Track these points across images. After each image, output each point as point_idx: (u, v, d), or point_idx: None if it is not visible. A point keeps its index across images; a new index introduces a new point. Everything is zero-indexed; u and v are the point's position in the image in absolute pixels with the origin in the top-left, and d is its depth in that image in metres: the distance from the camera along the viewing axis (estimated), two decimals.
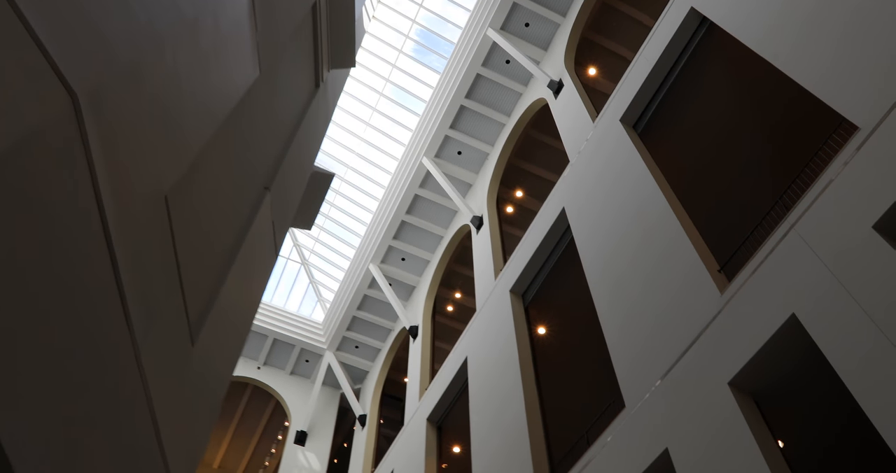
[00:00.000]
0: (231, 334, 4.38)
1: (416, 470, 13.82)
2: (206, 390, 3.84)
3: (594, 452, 8.00)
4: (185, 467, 3.36)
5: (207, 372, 3.81)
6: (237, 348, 4.64)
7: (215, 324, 3.69)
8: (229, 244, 3.88)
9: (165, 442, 2.84)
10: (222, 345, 4.15)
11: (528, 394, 10.49)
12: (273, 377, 21.82)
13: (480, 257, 15.42)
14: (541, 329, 11.91)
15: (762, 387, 6.18)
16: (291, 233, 22.47)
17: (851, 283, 5.34)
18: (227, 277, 3.74)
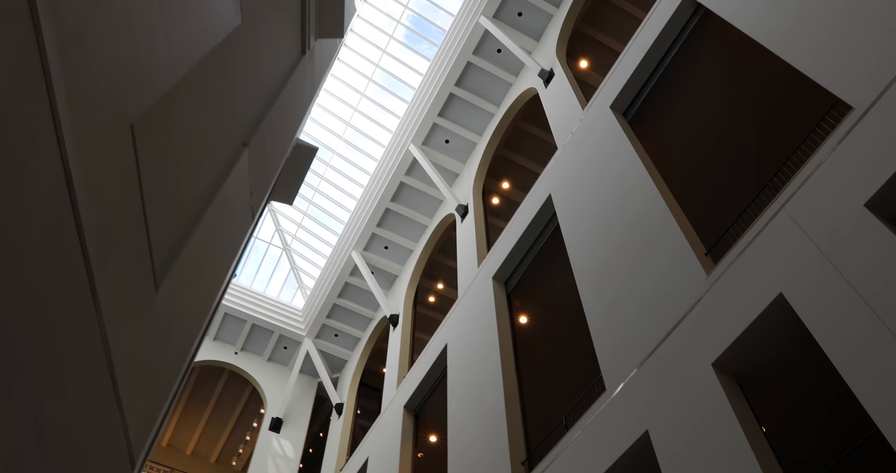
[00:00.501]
0: (201, 292, 4.21)
1: (391, 458, 13.65)
2: (171, 344, 3.66)
3: (573, 436, 7.88)
4: (143, 422, 3.18)
5: (173, 324, 3.64)
6: (205, 309, 4.47)
7: (182, 277, 3.51)
8: (201, 192, 3.71)
9: (123, 391, 2.66)
10: (190, 301, 3.97)
11: (507, 381, 10.36)
12: (250, 363, 21.56)
13: (464, 245, 15.28)
14: (522, 316, 11.79)
15: (746, 369, 6.09)
16: (274, 216, 22.22)
17: (842, 263, 5.25)
18: (198, 228, 3.57)
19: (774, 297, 5.74)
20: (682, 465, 5.92)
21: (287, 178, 8.86)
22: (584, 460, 7.44)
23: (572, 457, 7.71)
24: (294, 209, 21.69)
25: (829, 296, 5.22)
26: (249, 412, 23.68)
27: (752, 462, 5.19)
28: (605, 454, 7.10)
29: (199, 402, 23.51)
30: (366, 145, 20.29)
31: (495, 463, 9.31)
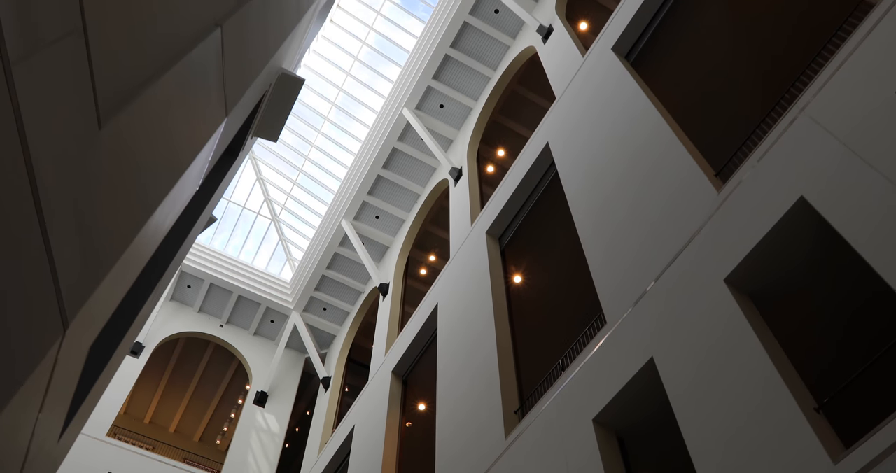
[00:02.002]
0: (158, 162, 3.75)
1: (377, 424, 13.13)
2: (119, 201, 3.20)
3: (568, 376, 7.38)
4: (79, 280, 2.66)
5: (123, 179, 3.16)
6: (164, 185, 4.01)
7: (134, 130, 3.03)
8: (160, 50, 3.20)
9: (53, 236, 2.15)
10: (145, 163, 3.49)
11: (500, 334, 9.85)
12: (236, 336, 21.00)
13: (457, 206, 14.77)
14: (517, 269, 11.30)
15: (761, 286, 5.59)
16: (262, 186, 21.64)
17: (869, 151, 4.77)
18: (155, 84, 3.06)
19: (794, 201, 5.25)
20: (693, 389, 5.43)
21: (272, 112, 8.34)
22: (582, 398, 6.94)
23: (568, 397, 7.22)
24: (283, 178, 21.16)
25: (855, 187, 4.74)
26: (235, 388, 23.12)
27: (773, 379, 4.70)
28: (603, 389, 6.61)
29: (183, 377, 22.93)
30: (358, 112, 19.76)
31: (487, 417, 8.81)
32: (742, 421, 4.78)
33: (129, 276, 3.61)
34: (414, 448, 12.44)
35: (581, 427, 6.70)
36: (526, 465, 7.36)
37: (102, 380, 4.57)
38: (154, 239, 3.98)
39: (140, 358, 18.73)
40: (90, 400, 4.31)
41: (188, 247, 7.94)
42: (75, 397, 4.03)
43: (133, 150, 3.20)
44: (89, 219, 2.84)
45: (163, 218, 3.98)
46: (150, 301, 5.77)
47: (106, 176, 2.92)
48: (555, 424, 7.23)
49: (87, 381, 4.43)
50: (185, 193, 4.90)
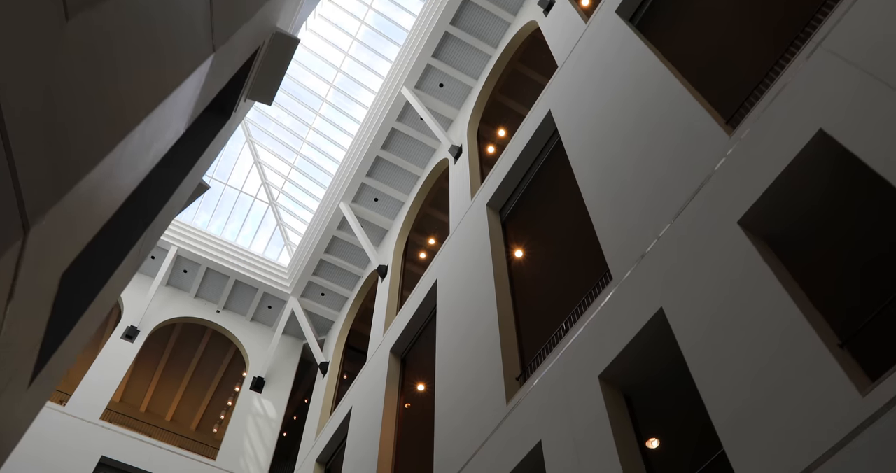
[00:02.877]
0: (138, 76, 3.52)
1: (375, 404, 12.84)
2: (92, 103, 2.97)
3: (571, 337, 7.11)
4: (45, 182, 2.42)
5: (98, 77, 2.94)
6: (142, 103, 3.81)
7: (106, 32, 2.80)
8: None
9: (12, 127, 1.91)
10: (119, 68, 3.26)
11: (501, 304, 9.57)
12: (233, 322, 20.70)
13: (457, 182, 14.49)
14: (518, 240, 11.02)
15: (778, 228, 5.31)
16: (260, 169, 21.35)
17: (893, 75, 4.49)
18: None
19: (813, 135, 4.97)
20: (707, 335, 5.14)
21: (265, 73, 8.08)
22: (587, 356, 6.66)
23: (573, 356, 6.94)
24: (281, 161, 20.87)
25: (879, 112, 4.46)
26: (232, 376, 22.83)
27: (795, 318, 4.43)
28: (609, 345, 6.33)
29: (179, 364, 22.64)
30: (358, 93, 19.48)
31: (488, 386, 8.54)
32: (763, 363, 4.50)
33: (106, 204, 3.35)
34: (413, 426, 12.16)
35: (586, 385, 6.42)
36: (528, 429, 7.08)
37: (79, 335, 4.31)
38: (133, 170, 3.71)
39: (135, 343, 18.44)
40: (66, 353, 4.05)
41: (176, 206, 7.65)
42: (48, 339, 3.76)
43: (101, 50, 2.93)
44: (58, 117, 2.56)
45: (144, 145, 3.71)
46: (133, 256, 5.48)
47: (77, 73, 2.65)
48: (558, 385, 6.95)
49: (61, 326, 4.15)
50: (170, 128, 4.64)
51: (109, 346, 18.05)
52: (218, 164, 21.03)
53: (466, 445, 8.34)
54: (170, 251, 19.64)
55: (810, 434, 3.91)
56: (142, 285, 19.84)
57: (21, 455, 14.71)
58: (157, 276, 19.33)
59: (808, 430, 3.93)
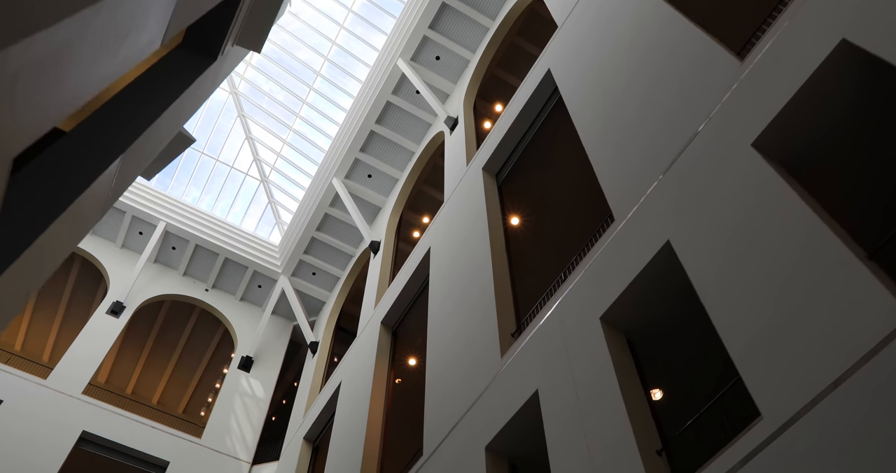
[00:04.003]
0: None
1: (364, 378, 12.47)
2: None
3: (569, 284, 6.75)
4: None
5: None
6: None
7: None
8: None
9: None
10: None
11: (496, 264, 9.22)
12: (222, 301, 20.27)
13: (452, 151, 14.13)
14: (515, 203, 10.66)
15: (796, 150, 4.96)
16: (252, 145, 20.92)
17: None
18: None
19: (835, 45, 4.63)
20: (720, 264, 4.79)
21: (253, 18, 7.77)
22: (587, 299, 6.31)
23: (572, 301, 6.59)
24: (273, 137, 20.46)
25: None
26: (220, 358, 22.40)
27: (819, 231, 4.08)
28: (612, 285, 5.98)
29: (167, 345, 22.19)
30: (353, 67, 19.09)
31: (481, 345, 8.19)
32: (784, 280, 4.15)
33: (68, 88, 3.05)
34: (404, 399, 11.79)
35: (587, 329, 6.07)
36: (523, 380, 6.73)
37: (35, 261, 3.95)
38: (98, 62, 3.41)
39: (120, 319, 18.00)
40: (16, 281, 3.70)
41: (155, 148, 7.25)
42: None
43: None
44: None
45: (112, 32, 3.40)
46: (105, 185, 5.10)
47: None
48: (556, 332, 6.60)
49: (17, 237, 3.78)
50: (143, 29, 4.35)
51: (94, 321, 17.61)
52: (209, 139, 20.64)
53: (458, 405, 7.98)
54: (158, 226, 19.21)
55: (842, 344, 3.57)
56: (129, 260, 19.43)
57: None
58: (145, 252, 18.90)
59: (840, 340, 3.59)
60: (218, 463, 16.25)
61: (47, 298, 21.35)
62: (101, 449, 15.54)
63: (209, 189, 21.17)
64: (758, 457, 3.77)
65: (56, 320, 21.78)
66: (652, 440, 4.91)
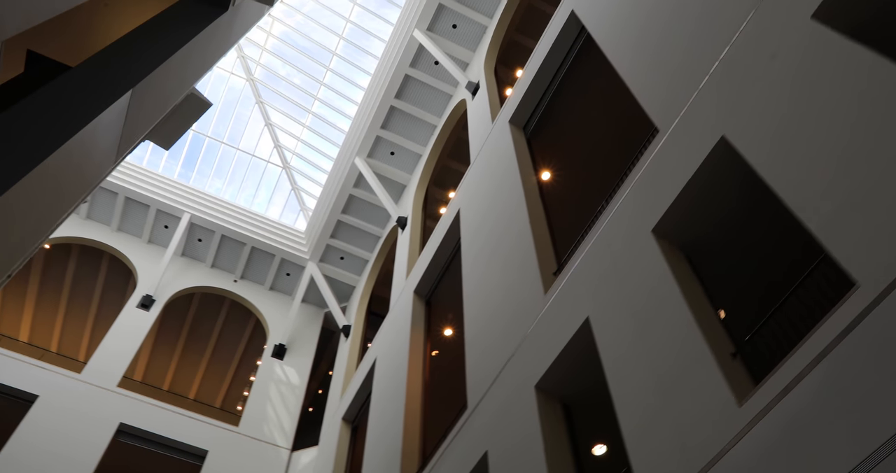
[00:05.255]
0: None
1: (400, 350, 12.08)
2: None
3: (616, 202, 6.30)
4: None
5: None
6: None
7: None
8: None
9: None
10: None
11: (532, 212, 8.78)
12: (252, 292, 20.05)
13: (476, 114, 13.72)
14: (545, 152, 10.22)
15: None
16: (271, 131, 20.67)
17: None
18: None
19: None
20: (784, 144, 4.33)
21: None
22: (635, 215, 5.86)
23: (617, 223, 6.14)
24: (293, 121, 20.20)
25: None
26: (253, 350, 22.18)
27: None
28: (664, 193, 5.51)
29: (199, 339, 22.04)
30: (369, 44, 18.74)
31: (522, 292, 7.77)
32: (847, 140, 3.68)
33: None
34: (442, 364, 11.39)
35: (639, 245, 5.62)
36: (572, 311, 6.29)
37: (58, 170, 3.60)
38: None
39: (151, 312, 17.85)
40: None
41: (171, 96, 6.95)
42: None
43: None
44: None
45: None
46: (116, 114, 4.85)
47: None
48: (604, 257, 6.16)
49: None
50: None
51: (125, 315, 17.49)
52: (229, 128, 20.46)
53: (502, 353, 7.57)
54: (183, 218, 19.05)
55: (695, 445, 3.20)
56: (156, 255, 19.30)
57: (35, 425, 14.18)
58: (171, 245, 18.74)
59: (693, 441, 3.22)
60: (257, 451, 16.00)
61: (79, 298, 21.32)
62: (139, 441, 15.37)
63: (232, 179, 21.01)
64: (859, 328, 3.31)
65: (88, 320, 21.75)
66: (723, 344, 4.45)
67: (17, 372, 15.02)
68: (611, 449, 6.35)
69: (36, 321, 21.70)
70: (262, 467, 15.71)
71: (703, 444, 4.01)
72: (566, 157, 9.93)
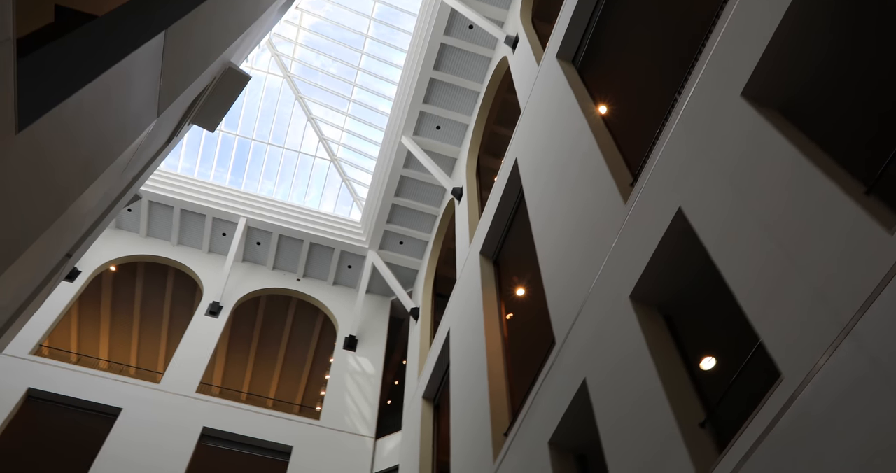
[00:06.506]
0: None
1: (474, 311, 11.56)
2: None
3: (689, 90, 5.65)
4: None
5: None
6: None
7: None
8: None
9: None
10: None
11: (596, 131, 8.15)
12: (316, 289, 19.87)
13: (519, 65, 13.15)
14: (600, 76, 9.59)
15: None
16: (315, 125, 20.50)
17: None
18: None
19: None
20: None
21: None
22: (717, 86, 5.20)
23: (694, 112, 5.49)
24: (335, 112, 19.97)
25: None
26: (324, 349, 22.00)
27: None
28: (748, 57, 4.85)
29: (270, 343, 22.02)
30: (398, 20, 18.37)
31: (599, 212, 7.16)
32: None
33: None
34: (519, 317, 10.83)
35: (731, 109, 4.97)
36: (658, 211, 5.67)
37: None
38: None
39: (220, 318, 17.83)
40: None
41: (205, 51, 6.74)
42: None
43: None
44: None
45: None
46: (151, 55, 4.75)
47: None
48: (688, 143, 5.52)
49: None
50: None
51: (195, 323, 17.53)
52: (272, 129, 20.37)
53: (585, 280, 6.97)
54: (239, 223, 19.03)
55: None
56: (218, 263, 19.32)
57: (121, 437, 14.20)
58: (231, 251, 18.73)
59: None
60: (341, 441, 15.72)
61: (150, 314, 21.57)
62: (223, 443, 15.29)
63: (282, 179, 20.93)
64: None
65: (161, 334, 21.98)
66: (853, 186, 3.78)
67: (100, 387, 15.14)
68: (721, 353, 5.68)
69: (113, 341, 22.04)
70: (347, 457, 15.41)
71: (847, 292, 3.36)
72: (621, 78, 9.28)
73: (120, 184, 7.20)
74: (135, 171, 7.82)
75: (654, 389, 5.01)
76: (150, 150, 7.70)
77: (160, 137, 7.76)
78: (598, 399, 5.90)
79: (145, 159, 7.93)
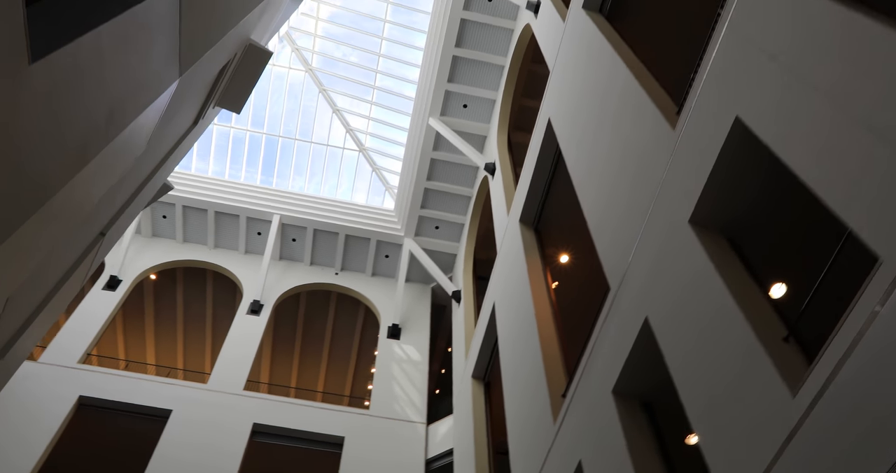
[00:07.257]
0: None
1: (518, 280, 11.22)
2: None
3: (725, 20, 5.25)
4: None
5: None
6: None
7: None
8: None
9: None
10: None
11: (632, 66, 7.77)
12: (355, 281, 19.71)
13: (544, 27, 12.77)
14: (629, 21, 9.18)
15: None
16: (341, 116, 20.33)
17: None
18: None
19: None
20: None
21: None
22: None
23: (743, 22, 5.10)
24: (360, 101, 19.80)
25: None
26: (368, 342, 21.84)
27: None
28: None
29: (315, 338, 21.92)
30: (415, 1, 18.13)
31: (644, 145, 6.79)
32: None
33: None
34: (566, 280, 10.45)
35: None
36: (717, 123, 5.28)
37: None
38: None
39: (261, 316, 17.77)
40: None
41: None
42: None
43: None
44: None
45: None
46: None
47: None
48: (746, 55, 5.12)
49: None
50: None
51: (238, 322, 17.49)
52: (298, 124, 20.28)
53: (636, 217, 6.61)
54: (273, 220, 18.96)
55: None
56: (256, 263, 19.28)
57: (173, 438, 14.17)
58: (267, 249, 18.67)
59: None
60: (393, 429, 15.50)
61: (193, 317, 21.65)
62: (274, 438, 15.20)
63: (312, 173, 20.84)
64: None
65: (206, 336, 22.04)
66: None
67: (150, 391, 15.17)
68: (790, 272, 5.26)
69: (159, 346, 22.18)
70: (400, 444, 15.18)
71: None
72: (652, 20, 8.87)
73: (151, 158, 7.01)
74: (165, 148, 7.62)
75: (726, 310, 4.63)
76: (176, 127, 7.50)
77: (185, 115, 7.57)
78: (663, 334, 5.53)
79: (174, 137, 7.74)
